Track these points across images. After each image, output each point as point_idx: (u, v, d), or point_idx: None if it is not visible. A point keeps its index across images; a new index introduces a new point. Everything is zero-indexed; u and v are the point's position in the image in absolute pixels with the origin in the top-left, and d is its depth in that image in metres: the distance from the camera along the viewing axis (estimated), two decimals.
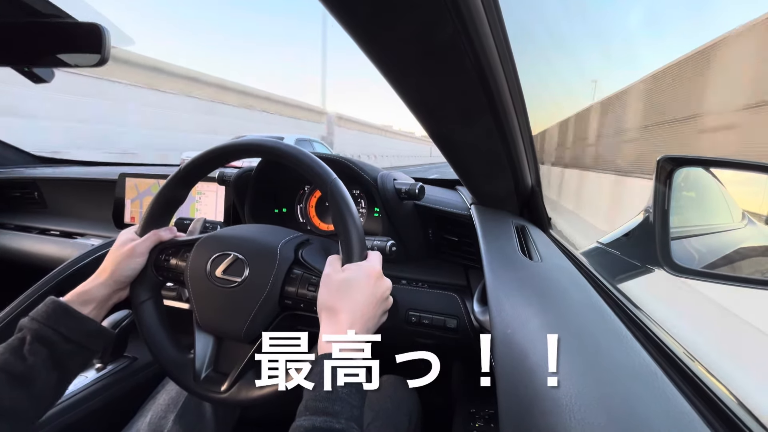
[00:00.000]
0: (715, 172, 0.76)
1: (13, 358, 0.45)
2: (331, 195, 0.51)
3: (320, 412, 0.37)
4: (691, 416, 0.28)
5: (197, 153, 0.58)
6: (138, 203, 1.11)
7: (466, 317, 0.76)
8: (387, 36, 0.35)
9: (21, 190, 1.38)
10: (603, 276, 0.59)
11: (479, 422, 0.85)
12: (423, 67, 0.40)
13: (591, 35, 20.99)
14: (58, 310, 0.49)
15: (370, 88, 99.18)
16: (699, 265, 0.69)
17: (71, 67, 0.72)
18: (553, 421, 0.30)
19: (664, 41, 14.53)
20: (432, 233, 0.88)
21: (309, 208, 0.96)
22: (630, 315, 0.45)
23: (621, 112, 6.36)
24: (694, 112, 4.39)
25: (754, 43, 3.69)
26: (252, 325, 0.52)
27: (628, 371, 0.34)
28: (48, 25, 0.70)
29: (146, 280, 0.58)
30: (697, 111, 4.36)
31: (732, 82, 3.95)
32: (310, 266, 0.55)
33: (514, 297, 0.48)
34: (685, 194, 0.66)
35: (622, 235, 0.71)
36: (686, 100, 4.59)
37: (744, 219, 1.00)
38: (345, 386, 0.39)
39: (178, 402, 0.67)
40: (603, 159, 6.76)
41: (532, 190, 0.76)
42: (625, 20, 21.60)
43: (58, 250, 1.17)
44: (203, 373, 0.56)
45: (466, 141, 0.58)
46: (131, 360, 0.89)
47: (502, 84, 0.45)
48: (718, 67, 4.19)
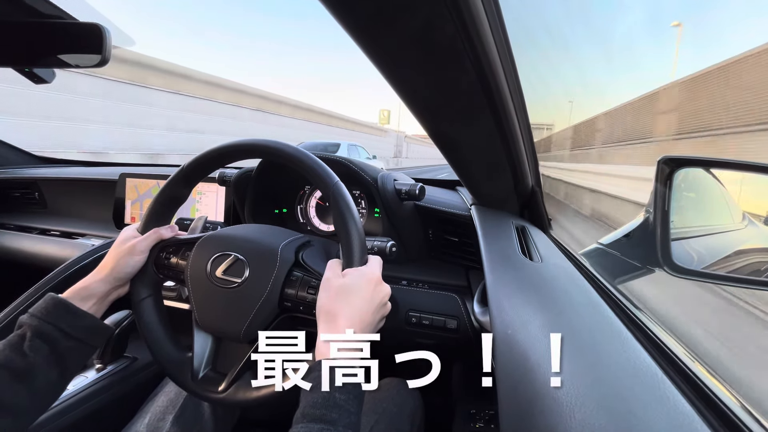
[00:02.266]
0: (715, 173, 0.76)
1: (13, 354, 0.45)
2: (333, 198, 0.51)
3: (317, 420, 0.37)
4: (692, 417, 0.28)
5: (200, 153, 0.58)
6: (138, 205, 1.11)
7: (467, 318, 0.76)
8: (387, 36, 0.35)
9: (21, 190, 1.38)
10: (603, 276, 0.59)
11: (479, 423, 0.85)
12: (423, 66, 0.40)
13: (591, 35, 21.03)
14: (59, 306, 0.49)
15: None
16: (699, 265, 0.69)
17: (72, 67, 0.73)
18: (553, 421, 0.29)
19: (665, 41, 14.59)
20: (432, 234, 0.88)
21: (309, 209, 0.96)
22: (630, 315, 0.45)
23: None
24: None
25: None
26: (251, 326, 0.52)
27: (629, 372, 0.34)
28: (49, 26, 0.70)
29: (146, 278, 0.58)
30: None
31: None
32: (311, 269, 0.55)
33: (514, 297, 0.48)
34: (685, 195, 0.66)
35: (623, 235, 0.71)
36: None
37: (744, 220, 1.00)
38: (343, 392, 0.39)
39: (176, 403, 0.67)
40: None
41: (533, 190, 0.76)
42: (625, 20, 21.65)
43: (59, 250, 1.17)
44: (201, 373, 0.55)
45: (466, 141, 0.58)
46: (131, 360, 0.89)
47: (502, 84, 0.45)
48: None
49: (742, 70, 4.61)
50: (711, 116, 5.03)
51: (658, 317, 0.46)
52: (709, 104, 5.11)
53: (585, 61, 21.18)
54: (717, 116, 4.84)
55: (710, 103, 5.10)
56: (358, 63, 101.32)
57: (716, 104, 4.94)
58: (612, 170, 6.58)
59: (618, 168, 6.50)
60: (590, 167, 7.78)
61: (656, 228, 0.60)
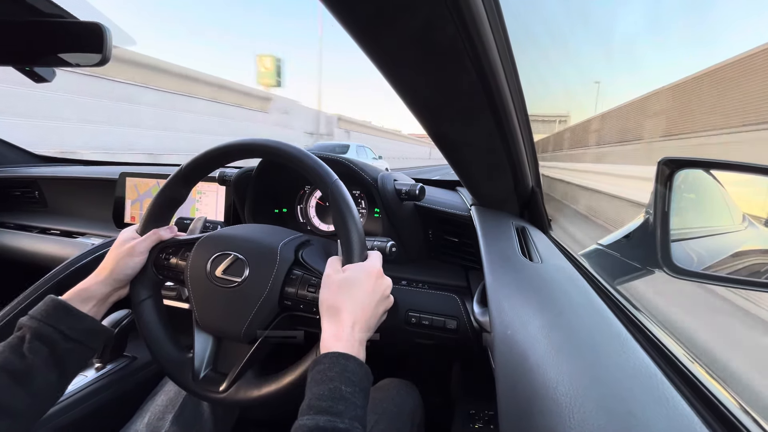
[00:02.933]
0: (715, 174, 0.76)
1: (13, 356, 0.45)
2: (332, 196, 0.51)
3: (324, 412, 0.37)
4: (691, 418, 0.28)
5: (198, 152, 0.58)
6: (138, 205, 1.11)
7: (466, 318, 0.76)
8: (387, 36, 0.35)
9: (21, 189, 1.38)
10: (603, 277, 0.59)
11: (479, 423, 0.85)
12: (423, 67, 0.40)
13: (591, 35, 21.04)
14: (58, 308, 0.49)
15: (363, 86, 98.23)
16: (699, 267, 0.68)
17: (72, 66, 0.73)
18: (552, 422, 0.29)
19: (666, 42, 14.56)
20: (432, 234, 0.88)
21: (309, 209, 0.96)
22: (630, 316, 0.45)
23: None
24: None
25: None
26: (251, 326, 0.52)
27: (628, 372, 0.34)
28: (50, 25, 0.70)
29: (146, 279, 0.58)
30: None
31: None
32: (310, 267, 0.55)
33: (514, 298, 0.48)
34: (685, 196, 0.66)
35: (623, 236, 0.71)
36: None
37: (744, 221, 1.00)
38: (349, 385, 0.39)
39: (176, 402, 0.67)
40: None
41: (533, 190, 0.76)
42: (626, 20, 21.63)
43: (59, 249, 1.17)
44: (202, 373, 0.55)
45: (466, 141, 0.58)
46: (131, 359, 0.89)
47: (503, 84, 0.45)
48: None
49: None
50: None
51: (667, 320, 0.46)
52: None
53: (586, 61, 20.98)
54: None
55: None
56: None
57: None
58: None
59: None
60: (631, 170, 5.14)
61: (656, 229, 0.60)
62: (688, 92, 5.45)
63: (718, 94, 4.84)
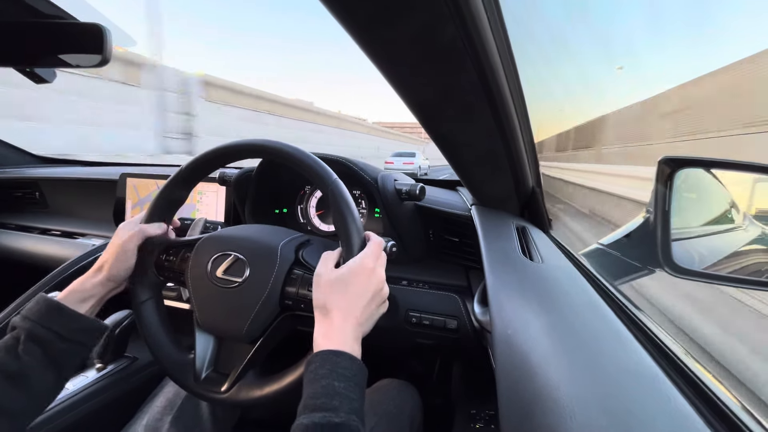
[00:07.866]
0: (715, 173, 0.76)
1: (7, 357, 0.45)
2: (332, 196, 0.51)
3: (319, 409, 0.37)
4: (692, 417, 0.28)
5: (199, 153, 0.58)
6: (139, 209, 1.11)
7: (467, 318, 0.76)
8: (387, 36, 0.35)
9: (22, 190, 1.38)
10: (603, 277, 0.59)
11: (479, 423, 0.85)
12: (423, 67, 0.40)
13: (592, 35, 20.99)
14: (51, 309, 0.49)
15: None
16: (700, 266, 0.68)
17: (72, 67, 0.73)
18: (553, 422, 0.29)
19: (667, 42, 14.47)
20: (432, 234, 0.88)
21: (309, 209, 0.96)
22: (630, 316, 0.45)
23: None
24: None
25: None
26: (252, 326, 0.52)
27: (629, 372, 0.34)
28: (50, 26, 0.70)
29: (147, 280, 0.58)
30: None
31: None
32: (311, 267, 0.55)
33: (514, 298, 0.48)
34: (685, 195, 0.66)
35: (623, 236, 0.71)
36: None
37: (745, 220, 1.00)
38: (342, 380, 0.39)
39: (175, 404, 0.67)
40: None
41: (533, 190, 0.76)
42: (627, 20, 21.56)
43: (59, 250, 1.17)
44: (203, 374, 0.55)
45: (466, 141, 0.58)
46: (131, 360, 0.89)
47: (503, 84, 0.45)
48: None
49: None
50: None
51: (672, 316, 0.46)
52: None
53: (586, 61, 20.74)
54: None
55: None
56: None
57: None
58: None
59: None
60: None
61: (657, 228, 0.60)
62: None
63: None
